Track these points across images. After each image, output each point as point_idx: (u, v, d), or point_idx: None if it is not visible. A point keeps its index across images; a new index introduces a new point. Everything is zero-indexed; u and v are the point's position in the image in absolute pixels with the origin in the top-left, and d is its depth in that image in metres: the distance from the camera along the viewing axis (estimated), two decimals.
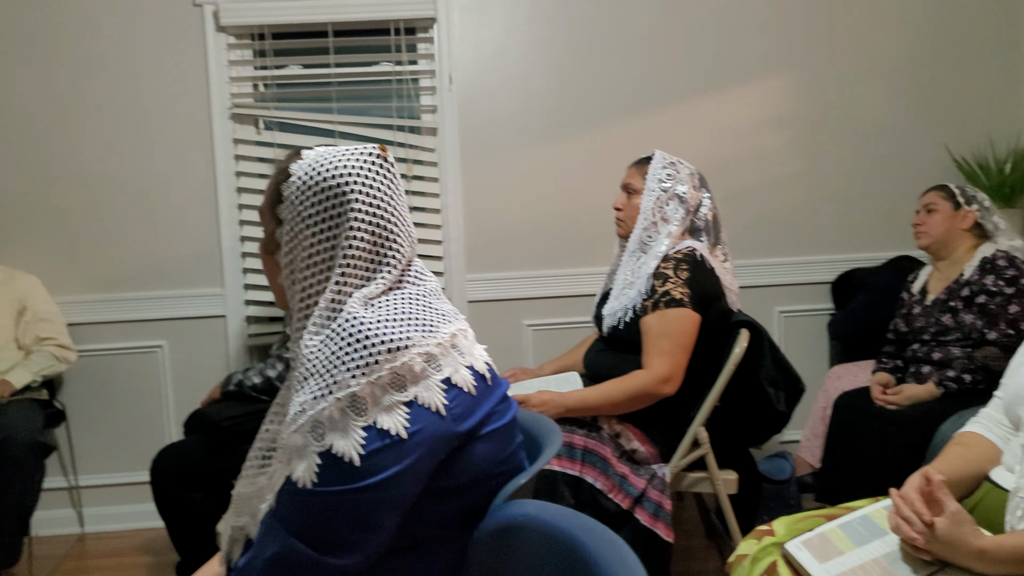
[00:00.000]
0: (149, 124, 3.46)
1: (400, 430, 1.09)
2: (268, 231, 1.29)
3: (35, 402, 3.15)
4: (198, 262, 3.52)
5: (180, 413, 3.47)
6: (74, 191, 3.45)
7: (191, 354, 3.54)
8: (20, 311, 3.25)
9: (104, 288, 3.49)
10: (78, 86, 3.42)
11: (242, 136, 3.52)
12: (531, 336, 3.66)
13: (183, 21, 3.43)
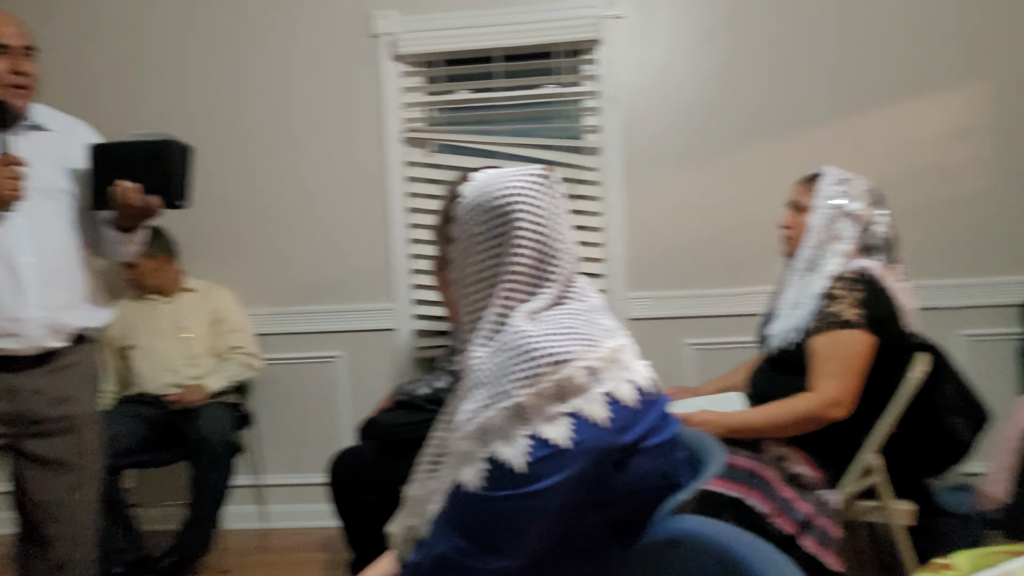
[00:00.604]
0: (329, 149, 3.69)
1: (564, 440, 1.13)
2: (440, 249, 1.36)
3: (227, 406, 3.42)
4: (371, 278, 3.71)
5: (355, 419, 3.66)
6: (263, 212, 3.72)
7: (365, 364, 3.74)
8: (215, 322, 3.55)
9: (288, 302, 3.74)
10: (266, 116, 3.69)
11: (413, 158, 3.70)
12: (692, 355, 3.62)
13: (361, 52, 3.64)
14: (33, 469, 2.17)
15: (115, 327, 3.50)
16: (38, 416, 2.13)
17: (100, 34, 3.70)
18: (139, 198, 2.10)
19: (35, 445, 2.15)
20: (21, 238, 2.06)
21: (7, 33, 2.04)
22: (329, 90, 3.67)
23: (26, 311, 2.06)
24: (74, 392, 2.20)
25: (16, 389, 2.09)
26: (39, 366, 2.12)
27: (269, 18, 3.66)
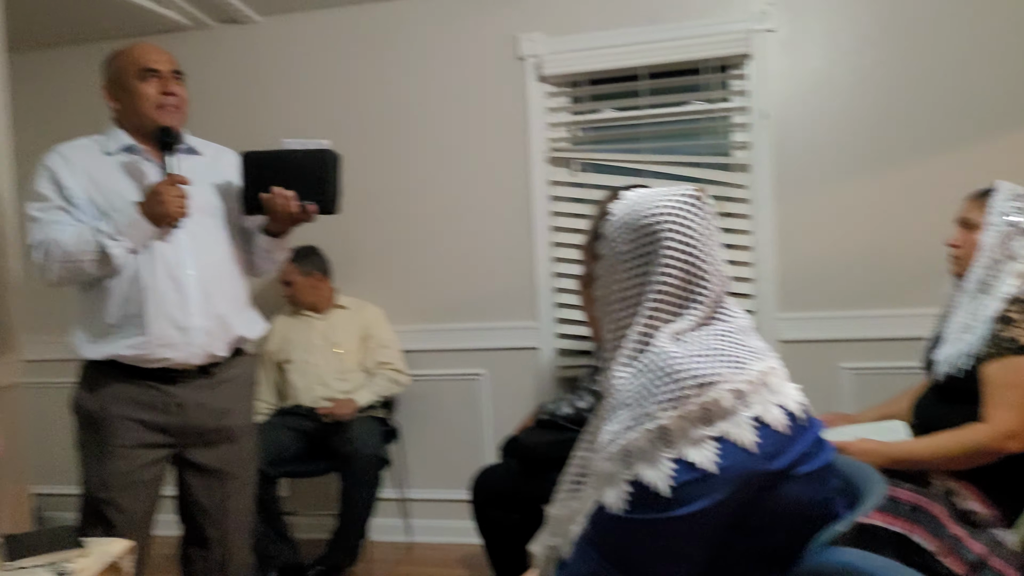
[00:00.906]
0: (475, 170, 3.75)
1: (709, 465, 1.09)
2: (587, 266, 1.35)
3: (375, 420, 3.52)
4: (515, 296, 3.74)
5: (497, 437, 3.68)
6: (411, 231, 3.82)
7: (507, 382, 3.76)
8: (365, 338, 3.67)
9: (434, 319, 3.82)
10: (415, 138, 3.80)
11: (558, 178, 3.71)
12: (849, 380, 3.44)
13: (507, 74, 3.69)
14: (196, 476, 2.31)
15: (272, 342, 3.68)
16: (202, 427, 2.26)
17: (254, 63, 3.91)
18: (296, 204, 2.21)
19: (198, 454, 2.29)
20: (184, 252, 2.19)
21: (157, 59, 2.21)
22: (476, 112, 3.74)
23: (191, 320, 2.18)
24: (233, 405, 2.33)
25: (183, 403, 2.22)
26: (202, 379, 2.25)
27: (419, 44, 3.77)
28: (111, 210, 2.13)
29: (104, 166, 2.19)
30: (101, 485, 2.17)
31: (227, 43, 3.95)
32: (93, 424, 2.19)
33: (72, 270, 2.09)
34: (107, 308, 2.15)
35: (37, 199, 2.15)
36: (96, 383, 2.20)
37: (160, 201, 2.09)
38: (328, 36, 3.86)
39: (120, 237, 2.08)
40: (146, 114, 2.19)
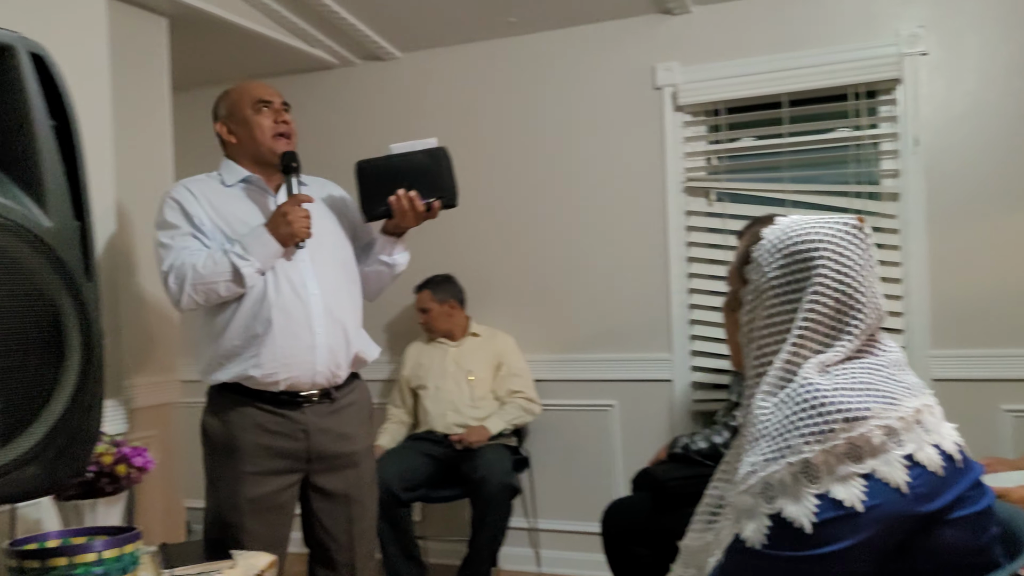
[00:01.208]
0: (610, 200, 3.75)
1: (856, 503, 1.04)
2: (733, 289, 1.33)
3: (506, 448, 3.54)
4: (649, 328, 3.69)
5: (629, 470, 3.62)
6: (545, 261, 3.85)
7: (639, 415, 3.71)
8: (497, 366, 3.70)
9: (566, 349, 3.82)
10: (550, 168, 3.84)
11: (694, 208, 3.66)
12: (1010, 423, 3.20)
13: (644, 103, 3.68)
14: (322, 501, 2.36)
15: (407, 368, 3.78)
16: (325, 452, 2.31)
17: (395, 98, 4.05)
18: (421, 203, 2.30)
19: (323, 479, 2.34)
20: (306, 273, 2.27)
21: (267, 92, 2.35)
22: (612, 142, 3.74)
23: (316, 338, 2.25)
24: (354, 430, 2.38)
25: (308, 429, 2.28)
26: (324, 405, 2.31)
27: (555, 77, 3.82)
28: (236, 236, 2.22)
29: (225, 197, 2.30)
30: (232, 509, 2.22)
31: (370, 79, 4.11)
32: (224, 450, 2.25)
33: (205, 292, 2.16)
34: (232, 330, 2.22)
35: (167, 228, 2.24)
36: (224, 410, 2.26)
37: (287, 221, 2.18)
38: (466, 70, 3.96)
39: (249, 257, 2.16)
40: (264, 143, 2.31)
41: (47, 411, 1.35)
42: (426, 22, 3.72)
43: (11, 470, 1.29)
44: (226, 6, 3.26)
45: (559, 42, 3.81)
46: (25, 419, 1.33)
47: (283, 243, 2.19)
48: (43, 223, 1.35)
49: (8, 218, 1.31)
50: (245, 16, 3.37)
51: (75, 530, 1.84)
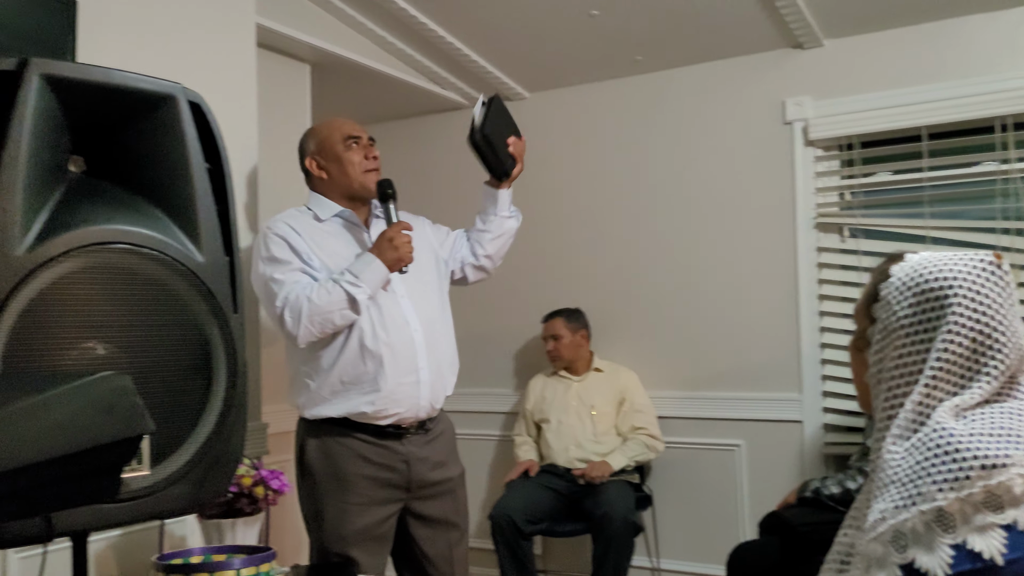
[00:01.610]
0: (738, 234, 3.69)
1: (996, 555, 0.99)
2: (860, 328, 1.29)
3: (629, 485, 3.51)
4: (777, 366, 3.60)
5: (755, 512, 3.52)
6: (669, 296, 3.82)
7: (767, 456, 3.60)
8: (620, 401, 3.69)
9: (691, 386, 3.76)
10: (676, 203, 3.81)
11: (826, 244, 3.55)
12: None
13: (773, 138, 3.62)
14: (422, 528, 2.39)
15: (530, 401, 3.81)
16: (424, 481, 2.35)
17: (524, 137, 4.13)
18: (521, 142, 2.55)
19: (422, 506, 2.37)
20: (407, 308, 2.32)
21: (356, 129, 2.42)
22: (739, 178, 3.69)
23: (420, 373, 2.29)
24: (447, 458, 2.42)
25: (408, 458, 2.31)
26: (421, 435, 2.35)
27: (682, 113, 3.81)
28: (336, 270, 2.25)
29: (320, 231, 2.34)
30: (339, 540, 2.25)
31: None
32: (329, 483, 2.26)
33: (321, 324, 2.16)
34: (340, 367, 2.23)
35: (275, 263, 2.22)
36: (327, 443, 2.28)
37: (394, 246, 2.22)
38: (592, 109, 4.01)
39: (361, 284, 2.18)
40: (355, 178, 2.36)
41: (195, 434, 1.45)
42: (553, 62, 3.79)
43: (161, 488, 1.39)
44: (364, 52, 3.42)
45: (685, 79, 3.81)
46: (175, 441, 1.44)
47: (390, 268, 2.23)
48: (196, 258, 1.47)
49: (166, 253, 1.43)
50: (381, 61, 3.54)
51: (216, 547, 1.95)
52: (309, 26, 3.12)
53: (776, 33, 3.45)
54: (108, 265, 1.38)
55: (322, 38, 3.18)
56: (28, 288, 1.28)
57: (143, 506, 1.38)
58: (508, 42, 3.58)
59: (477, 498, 4.04)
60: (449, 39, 3.48)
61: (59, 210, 1.35)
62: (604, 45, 3.59)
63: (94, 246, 1.36)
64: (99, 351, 1.37)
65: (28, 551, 1.88)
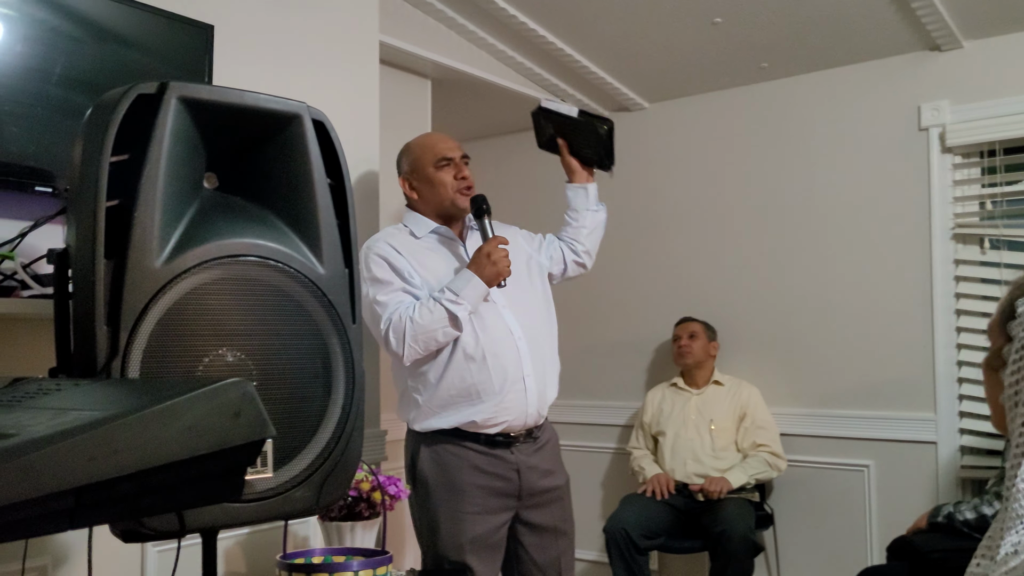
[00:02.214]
0: (867, 245, 3.54)
1: None
2: (995, 347, 1.22)
3: (748, 502, 3.41)
4: (910, 384, 3.43)
5: (883, 536, 3.36)
6: (793, 309, 3.70)
7: (897, 478, 3.44)
8: (741, 417, 3.60)
9: (816, 403, 3.63)
10: (803, 216, 3.70)
11: (964, 256, 3.37)
12: None
13: (908, 145, 3.46)
14: (531, 535, 2.39)
15: (648, 413, 3.76)
16: (534, 489, 2.36)
17: (645, 148, 4.09)
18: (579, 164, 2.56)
19: (532, 514, 2.38)
20: (509, 318, 2.33)
21: (448, 149, 2.40)
22: (870, 186, 3.55)
23: (527, 382, 2.30)
24: (554, 466, 2.43)
25: (518, 467, 2.33)
26: (529, 444, 2.36)
27: (809, 120, 3.69)
28: (439, 286, 2.27)
29: (418, 248, 2.37)
30: (455, 549, 2.27)
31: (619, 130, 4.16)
32: (443, 492, 2.28)
33: (424, 342, 2.20)
34: (448, 380, 2.26)
35: (379, 284, 2.26)
36: (439, 453, 2.30)
37: (492, 261, 2.24)
38: (715, 118, 3.94)
39: (461, 301, 2.21)
40: (446, 198, 2.38)
41: (316, 439, 1.51)
42: (675, 72, 3.75)
43: (284, 491, 1.45)
44: (483, 66, 3.48)
45: (814, 85, 3.69)
46: (298, 446, 1.50)
47: (488, 283, 2.24)
48: (318, 270, 1.53)
49: (291, 265, 1.49)
50: (500, 74, 3.58)
51: (336, 549, 2.01)
52: (430, 42, 3.20)
53: (911, 35, 3.30)
54: (238, 276, 1.45)
55: (443, 54, 3.25)
56: (165, 298, 1.37)
57: (267, 507, 1.44)
58: (628, 53, 3.56)
59: (592, 511, 4.02)
60: (568, 51, 3.49)
61: (194, 224, 1.43)
62: (728, 53, 3.52)
63: (226, 258, 1.43)
64: (229, 358, 1.44)
65: (164, 545, 2.00)
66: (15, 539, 0.87)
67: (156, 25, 2.02)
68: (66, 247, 1.43)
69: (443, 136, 2.48)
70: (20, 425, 0.94)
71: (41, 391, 1.14)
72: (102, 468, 0.88)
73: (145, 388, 1.14)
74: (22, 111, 1.81)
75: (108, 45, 1.95)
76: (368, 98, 2.70)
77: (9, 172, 1.80)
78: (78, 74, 1.89)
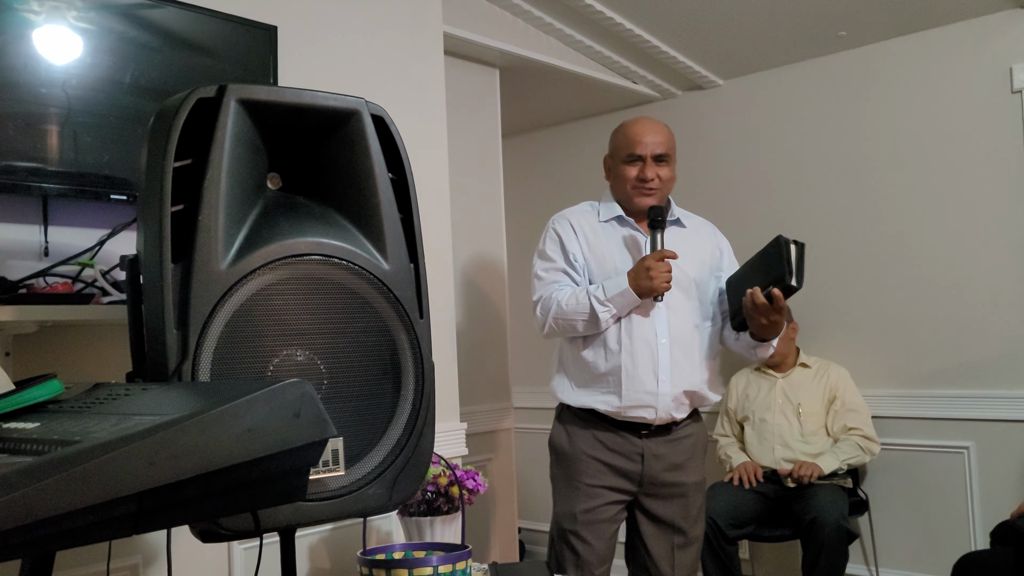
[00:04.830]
0: (961, 215, 3.38)
1: None
2: None
3: (840, 488, 3.30)
4: (1011, 360, 3.26)
5: (986, 521, 3.21)
6: (883, 285, 3.55)
7: (999, 459, 3.27)
8: (831, 400, 3.47)
9: (910, 383, 3.49)
10: (889, 188, 3.54)
11: None
12: None
13: (1000, 109, 3.30)
14: (649, 525, 2.41)
15: (732, 399, 3.67)
16: (657, 479, 2.37)
17: (719, 126, 3.98)
18: (760, 295, 2.18)
19: (651, 504, 2.39)
20: (660, 322, 2.33)
21: (642, 147, 2.36)
22: (961, 153, 3.38)
23: (661, 387, 2.31)
24: (686, 461, 2.40)
25: (644, 453, 2.35)
26: (662, 435, 2.36)
27: (893, 87, 3.54)
28: (602, 274, 2.34)
29: (599, 232, 2.41)
30: (570, 517, 2.35)
31: (693, 109, 4.10)
32: (565, 461, 2.40)
33: (563, 326, 2.33)
34: (588, 364, 2.34)
35: (544, 259, 2.41)
36: (571, 424, 2.40)
37: (649, 276, 2.24)
38: (791, 91, 3.81)
39: (608, 304, 2.26)
40: (623, 191, 2.40)
41: (386, 436, 1.50)
42: (748, 47, 3.64)
43: (356, 488, 1.44)
44: (551, 52, 3.44)
45: (895, 51, 3.53)
46: (370, 442, 1.49)
47: (641, 295, 2.26)
48: (383, 266, 1.52)
49: (355, 263, 1.49)
50: (569, 60, 3.54)
51: (416, 544, 2.01)
52: (496, 30, 3.17)
53: None
54: (303, 276, 1.45)
55: (509, 41, 3.22)
56: (232, 300, 1.37)
57: (340, 505, 1.44)
58: (699, 30, 3.47)
59: None
60: (637, 31, 3.42)
61: (257, 225, 1.43)
62: (804, 23, 3.40)
63: (290, 258, 1.43)
64: (299, 358, 1.44)
65: (249, 543, 2.04)
66: (80, 545, 0.88)
67: (220, 29, 2.05)
68: (137, 253, 1.46)
69: (648, 129, 2.41)
70: (85, 431, 0.95)
71: (111, 396, 1.16)
72: (163, 472, 0.89)
73: (208, 391, 1.15)
74: (95, 121, 1.85)
75: (175, 51, 1.99)
76: (435, 90, 2.69)
77: (85, 182, 1.84)
78: (147, 81, 1.92)
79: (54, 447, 0.91)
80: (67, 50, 1.82)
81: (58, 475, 0.83)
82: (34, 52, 1.78)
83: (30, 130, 1.78)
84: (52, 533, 0.84)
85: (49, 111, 1.80)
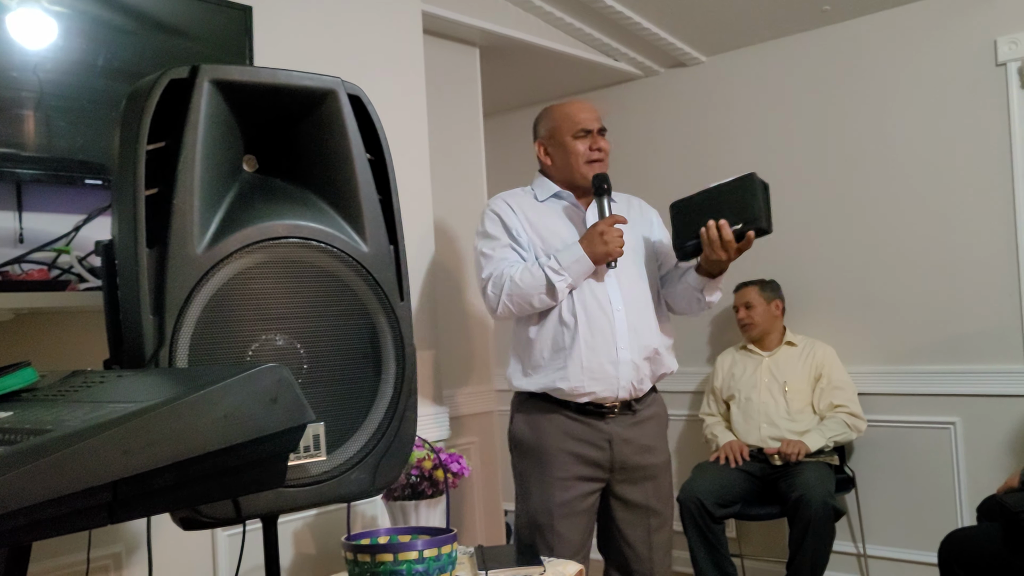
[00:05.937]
0: (945, 190, 3.37)
1: None
2: None
3: (827, 466, 3.30)
4: (996, 335, 3.26)
5: (972, 496, 3.23)
6: (868, 261, 3.55)
7: (986, 434, 3.28)
8: (817, 378, 3.48)
9: (894, 360, 3.49)
10: (874, 164, 3.53)
11: None
12: None
13: (984, 83, 3.27)
14: (623, 511, 2.37)
15: (718, 378, 3.67)
16: (628, 463, 2.33)
17: (703, 103, 3.96)
18: (729, 231, 2.18)
19: (624, 489, 2.35)
20: (612, 290, 2.30)
21: (588, 120, 2.37)
22: (945, 128, 3.36)
23: (620, 354, 2.27)
24: (654, 442, 2.38)
25: (612, 438, 2.31)
26: (627, 416, 2.33)
27: (877, 62, 3.52)
28: (549, 249, 2.31)
29: (539, 210, 2.39)
30: (545, 512, 2.30)
31: (675, 86, 4.07)
32: (532, 455, 2.34)
33: (518, 303, 2.25)
34: (540, 342, 2.30)
35: (487, 239, 2.35)
36: (534, 417, 2.34)
37: (604, 241, 2.22)
38: (775, 67, 3.78)
39: (563, 272, 2.23)
40: (577, 169, 2.37)
41: (368, 420, 1.49)
42: (731, 23, 3.61)
43: (338, 474, 1.43)
44: (533, 31, 3.40)
45: (880, 25, 3.51)
46: (351, 427, 1.48)
47: (596, 261, 2.24)
48: (362, 248, 1.50)
49: (333, 245, 1.47)
50: (550, 37, 3.50)
51: (401, 529, 2.00)
52: (475, 9, 3.13)
53: None
54: (281, 259, 1.43)
55: (490, 20, 3.18)
56: (209, 285, 1.35)
57: (323, 491, 1.42)
58: (681, 6, 3.43)
59: None
60: (619, 8, 3.38)
61: (234, 208, 1.41)
62: None
63: (268, 241, 1.41)
64: (278, 342, 1.42)
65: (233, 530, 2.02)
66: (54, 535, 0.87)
67: (194, 10, 2.01)
68: (111, 238, 1.43)
69: (585, 106, 2.45)
70: (58, 420, 0.93)
71: (86, 384, 1.14)
72: (137, 461, 0.87)
73: (184, 377, 1.13)
74: (68, 105, 1.82)
75: (149, 33, 1.95)
76: (414, 70, 2.66)
77: (59, 167, 1.81)
78: (120, 64, 1.89)
79: (26, 436, 0.89)
80: (39, 33, 1.78)
81: (29, 465, 0.81)
82: (6, 36, 1.74)
83: (2, 115, 1.74)
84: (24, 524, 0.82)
85: (21, 95, 1.77)
